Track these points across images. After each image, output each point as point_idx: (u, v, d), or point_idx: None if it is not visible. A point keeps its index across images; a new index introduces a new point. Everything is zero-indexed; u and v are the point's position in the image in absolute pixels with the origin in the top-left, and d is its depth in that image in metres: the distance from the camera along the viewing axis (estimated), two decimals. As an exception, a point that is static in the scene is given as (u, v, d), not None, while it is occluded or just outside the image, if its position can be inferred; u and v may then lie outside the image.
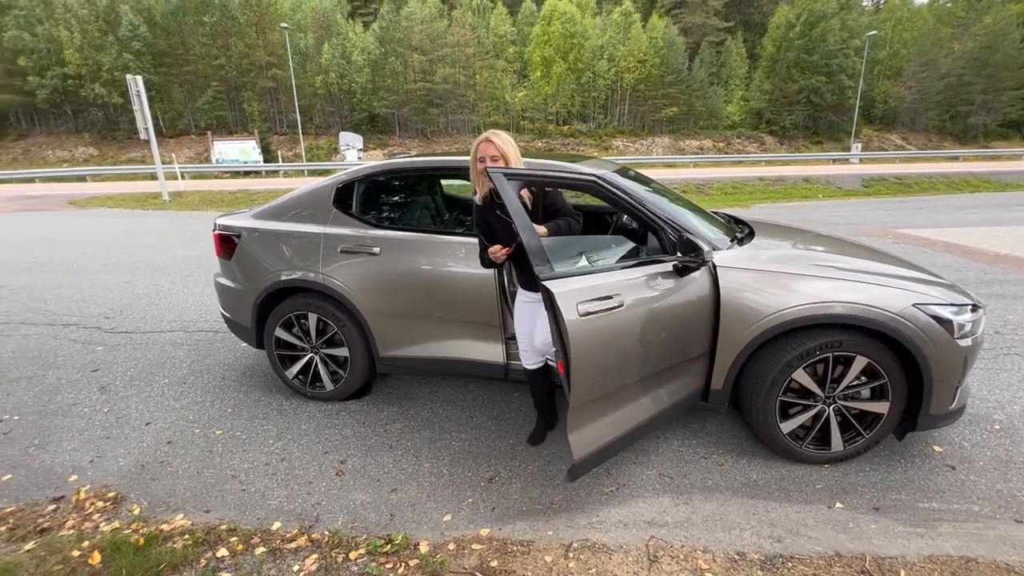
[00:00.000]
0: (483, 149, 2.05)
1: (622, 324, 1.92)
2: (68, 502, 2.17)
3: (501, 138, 2.05)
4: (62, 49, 37.05)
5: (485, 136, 2.06)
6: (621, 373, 1.99)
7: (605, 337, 1.88)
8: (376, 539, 1.92)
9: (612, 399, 2.01)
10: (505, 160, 2.03)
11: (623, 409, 2.06)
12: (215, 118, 41.15)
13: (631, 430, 2.09)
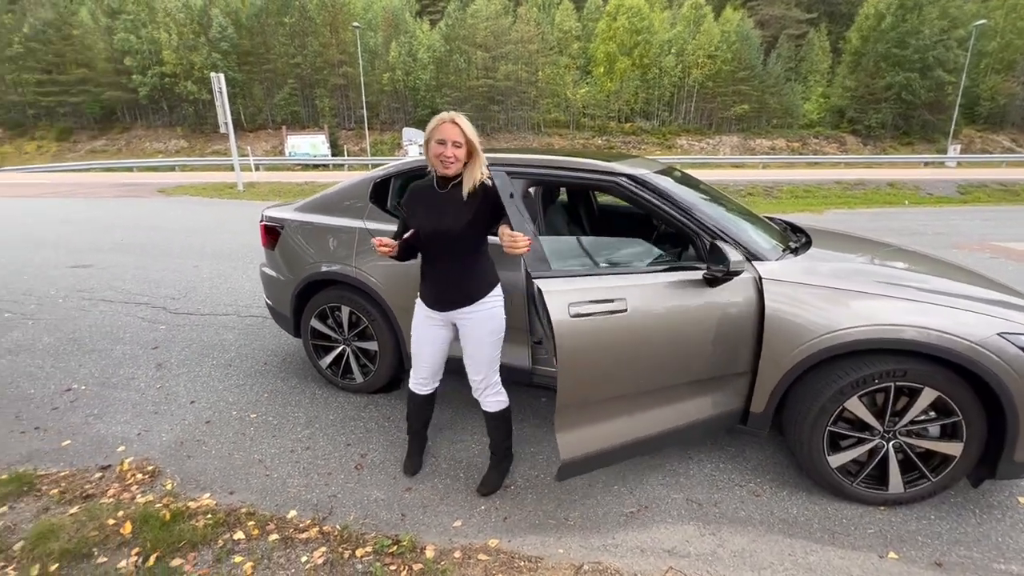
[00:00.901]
0: (445, 131, 1.78)
1: (625, 330, 1.87)
2: (113, 471, 2.32)
3: (466, 123, 1.81)
4: (161, 50, 40.63)
5: (449, 116, 1.79)
6: (623, 380, 1.93)
7: (602, 340, 1.85)
8: (384, 538, 1.90)
9: (613, 405, 1.96)
10: (469, 148, 1.82)
11: (629, 418, 1.98)
12: (290, 113, 43.62)
13: (638, 441, 2.01)
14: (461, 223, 1.87)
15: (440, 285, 1.98)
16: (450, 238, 1.89)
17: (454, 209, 1.88)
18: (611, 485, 2.20)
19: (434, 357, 2.11)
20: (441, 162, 1.81)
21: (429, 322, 2.05)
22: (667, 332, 1.94)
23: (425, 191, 1.96)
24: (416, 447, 2.35)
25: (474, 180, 1.85)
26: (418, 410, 2.28)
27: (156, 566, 1.77)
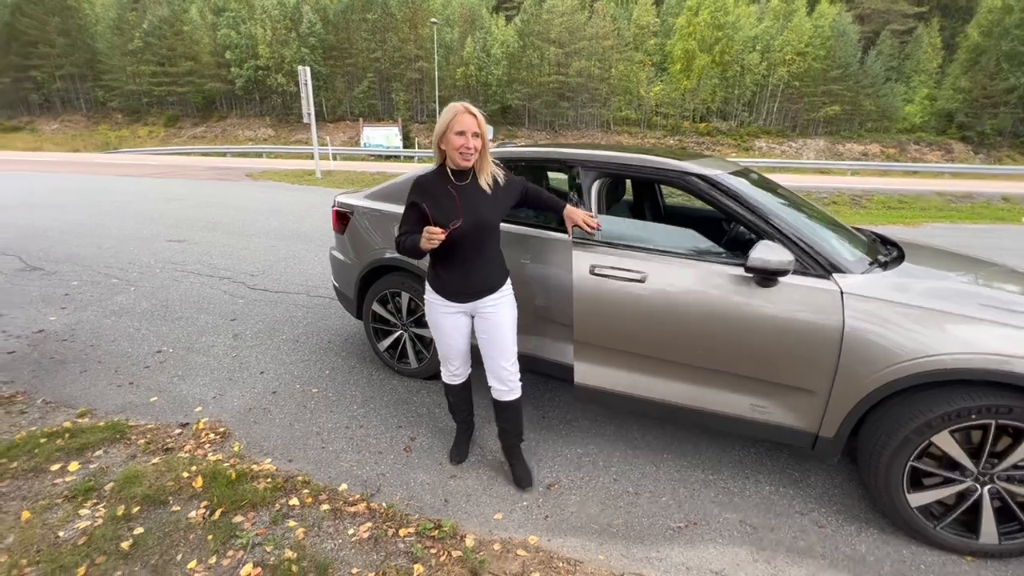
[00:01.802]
0: (465, 122, 1.79)
1: (639, 297, 2.12)
2: (190, 429, 2.53)
3: (481, 116, 1.83)
4: (257, 44, 43.71)
5: (464, 107, 1.79)
6: (636, 340, 2.17)
7: (613, 297, 2.16)
8: (427, 521, 1.94)
9: (631, 360, 2.22)
10: (483, 140, 1.84)
11: (644, 375, 2.22)
12: (367, 106, 45.55)
13: (651, 400, 2.22)
14: (497, 214, 1.93)
15: (468, 276, 1.97)
16: (487, 229, 1.93)
17: (485, 200, 1.90)
18: (659, 496, 2.12)
19: (463, 345, 2.14)
20: (461, 154, 1.81)
21: (449, 313, 2.05)
22: (695, 315, 2.04)
23: (443, 184, 1.90)
24: (464, 435, 2.38)
25: (489, 171, 1.90)
26: (459, 400, 2.30)
27: (220, 520, 1.91)
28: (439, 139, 1.84)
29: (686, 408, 2.17)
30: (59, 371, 3.12)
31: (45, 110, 51.19)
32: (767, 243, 1.88)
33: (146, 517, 1.93)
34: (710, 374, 2.10)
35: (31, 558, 1.74)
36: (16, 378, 3.02)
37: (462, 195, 1.88)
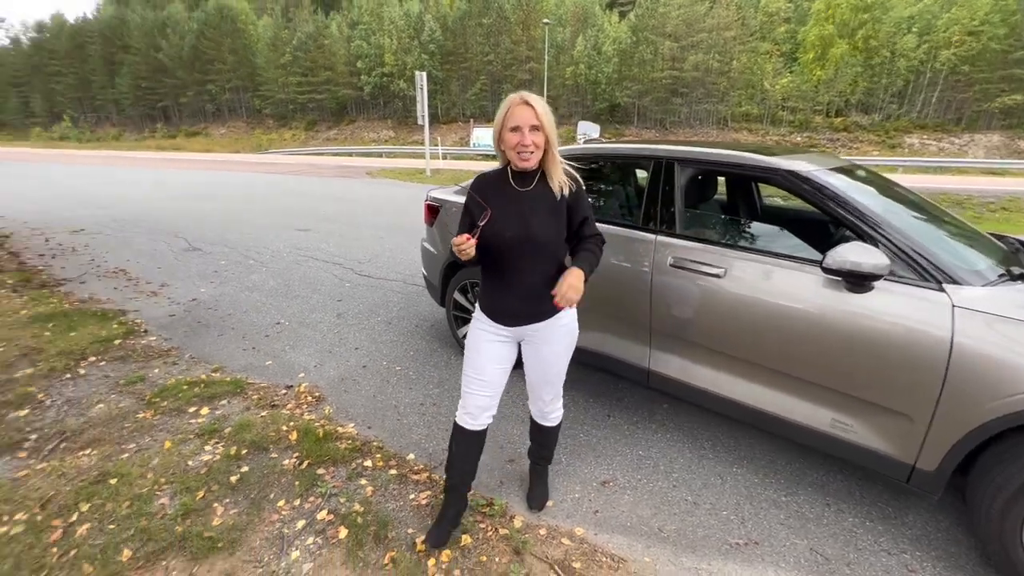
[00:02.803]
0: (519, 115, 1.49)
1: (716, 292, 2.09)
2: (293, 391, 2.91)
3: (540, 103, 1.50)
4: (384, 53, 47.60)
5: (519, 97, 1.50)
6: (711, 335, 2.15)
7: (691, 290, 2.16)
8: (480, 498, 2.05)
9: (704, 354, 2.19)
10: (545, 133, 1.52)
11: (716, 371, 2.17)
12: (479, 107, 47.38)
13: (719, 397, 2.17)
14: (552, 230, 1.60)
15: (518, 297, 1.65)
16: (537, 246, 1.59)
17: (543, 212, 1.58)
18: (720, 510, 2.02)
19: (496, 380, 1.74)
20: (518, 153, 1.52)
21: (494, 338, 1.72)
22: (773, 315, 1.95)
23: (500, 186, 1.63)
24: (450, 509, 1.82)
25: (563, 177, 1.59)
26: (463, 453, 1.79)
27: (307, 470, 2.19)
28: (497, 139, 1.58)
29: (757, 411, 2.07)
30: (203, 333, 3.75)
31: (216, 118, 60.56)
32: (858, 244, 1.71)
33: (251, 459, 2.28)
34: (787, 379, 1.97)
35: (167, 478, 2.14)
36: (173, 336, 3.69)
37: (520, 203, 1.59)
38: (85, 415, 2.64)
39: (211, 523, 1.91)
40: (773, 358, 1.99)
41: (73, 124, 63.08)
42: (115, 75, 61.38)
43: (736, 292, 2.05)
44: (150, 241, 6.76)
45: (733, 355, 2.11)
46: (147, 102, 61.40)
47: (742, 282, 2.04)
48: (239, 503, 2.01)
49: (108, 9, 69.42)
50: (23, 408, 2.71)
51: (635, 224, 2.43)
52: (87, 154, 36.66)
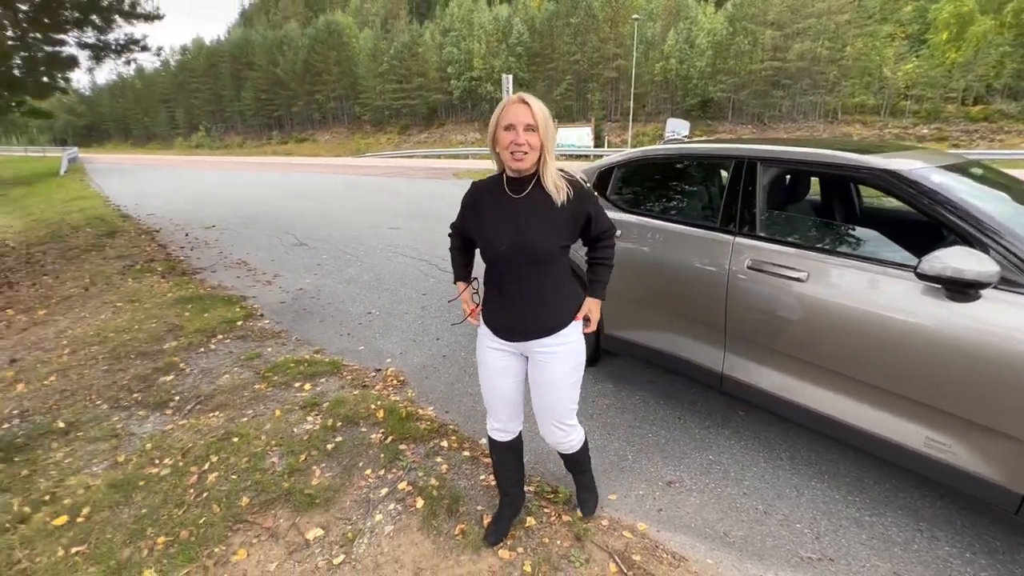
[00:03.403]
0: (514, 113, 1.40)
1: (793, 296, 2.02)
2: (381, 374, 3.20)
3: (537, 103, 1.42)
4: (473, 58, 49.18)
5: (517, 97, 1.42)
6: (790, 342, 2.06)
7: (769, 293, 2.09)
8: (546, 484, 2.15)
9: (784, 361, 2.10)
10: (540, 135, 1.42)
11: (798, 380, 2.08)
12: (563, 107, 47.36)
13: (800, 406, 2.08)
14: (549, 238, 1.48)
15: (515, 311, 1.57)
16: (534, 255, 1.49)
17: (539, 220, 1.48)
18: (793, 522, 1.94)
19: (511, 393, 1.71)
20: (511, 153, 1.42)
21: (499, 353, 1.66)
22: (860, 322, 1.84)
23: (494, 193, 1.56)
24: (507, 509, 1.87)
25: (559, 182, 1.48)
26: (505, 461, 1.83)
27: (391, 444, 2.43)
28: (491, 140, 1.49)
29: (840, 424, 1.97)
30: (307, 319, 4.22)
31: (321, 125, 66.16)
32: (962, 248, 1.58)
33: (344, 431, 2.56)
34: (876, 391, 1.86)
35: (277, 441, 2.48)
36: (283, 320, 4.19)
37: (515, 209, 1.50)
38: (215, 383, 3.11)
39: (311, 482, 2.19)
40: (857, 368, 1.88)
41: (207, 134, 72.10)
42: (241, 89, 69.29)
43: (819, 297, 1.95)
44: (266, 237, 7.64)
45: (814, 363, 2.02)
46: (265, 112, 68.61)
47: (826, 287, 1.95)
48: (333, 468, 2.29)
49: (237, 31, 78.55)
50: (169, 374, 3.25)
51: (713, 225, 2.39)
52: (217, 159, 41.76)
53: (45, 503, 2.15)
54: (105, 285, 5.38)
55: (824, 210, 3.19)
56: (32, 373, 3.47)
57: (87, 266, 6.28)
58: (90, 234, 8.33)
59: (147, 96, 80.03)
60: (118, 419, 2.78)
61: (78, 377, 3.32)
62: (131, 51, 8.58)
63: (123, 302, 4.74)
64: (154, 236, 7.96)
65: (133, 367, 3.38)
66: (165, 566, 1.79)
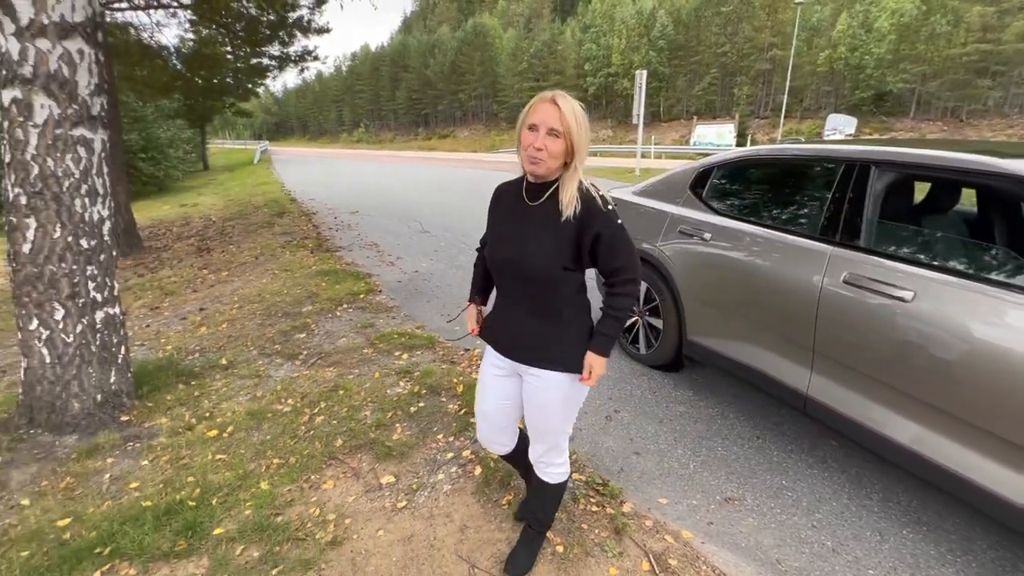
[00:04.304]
0: (540, 113, 1.27)
1: (894, 317, 1.80)
2: (469, 353, 3.47)
3: (570, 106, 1.26)
4: (612, 53, 48.36)
5: (549, 95, 1.28)
6: (889, 370, 1.85)
7: (866, 312, 1.89)
8: (597, 476, 2.20)
9: (880, 389, 1.88)
10: (569, 139, 1.27)
11: (885, 408, 1.87)
12: (705, 103, 44.47)
13: (894, 444, 1.84)
14: (544, 255, 1.32)
15: (509, 326, 1.47)
16: (527, 271, 1.35)
17: (540, 234, 1.34)
18: (866, 566, 1.75)
19: (498, 414, 1.60)
20: (528, 156, 1.29)
21: (494, 369, 1.56)
22: (974, 355, 1.61)
23: (513, 198, 1.45)
24: None
25: (573, 194, 1.29)
26: (516, 467, 1.88)
27: (463, 416, 2.67)
28: (517, 138, 1.34)
29: (934, 466, 1.73)
30: (417, 298, 4.69)
31: (462, 122, 70.49)
32: None
33: (427, 398, 2.86)
34: (981, 434, 1.61)
35: (372, 399, 2.86)
36: (397, 297, 4.71)
37: (524, 218, 1.38)
38: (334, 344, 3.65)
39: (392, 437, 2.51)
40: (971, 408, 1.62)
41: (366, 130, 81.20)
42: (396, 90, 76.67)
43: (926, 321, 1.72)
44: (397, 223, 8.52)
45: (916, 396, 1.78)
46: (415, 110, 75.14)
47: (936, 310, 1.70)
48: (412, 428, 2.59)
49: (398, 37, 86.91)
50: (302, 333, 3.88)
51: (810, 233, 2.20)
52: (372, 153, 46.93)
53: (205, 418, 2.77)
54: (269, 256, 6.52)
55: (952, 223, 2.69)
56: (212, 320, 4.39)
57: (259, 239, 7.65)
58: (266, 213, 10.07)
59: (322, 97, 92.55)
60: (261, 363, 3.43)
61: (240, 327, 4.13)
62: (305, 60, 10.14)
63: (279, 271, 5.72)
64: (310, 218, 9.35)
65: (278, 324, 4.10)
66: (275, 481, 2.22)
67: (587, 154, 1.33)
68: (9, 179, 2.42)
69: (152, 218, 11.53)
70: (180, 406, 2.90)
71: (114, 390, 2.78)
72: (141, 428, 2.70)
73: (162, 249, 8.08)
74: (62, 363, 2.59)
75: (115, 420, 2.72)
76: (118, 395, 2.80)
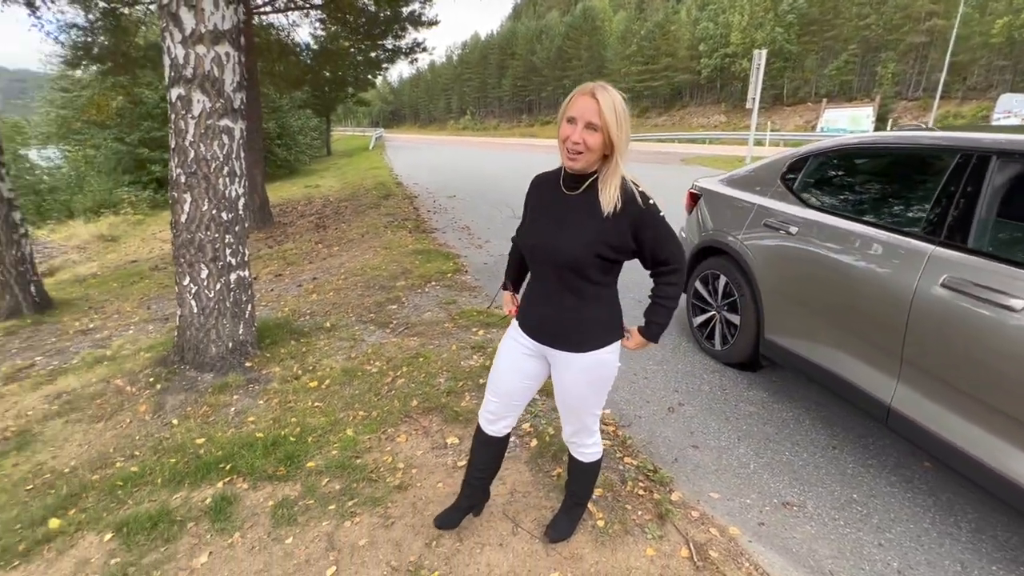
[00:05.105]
0: (579, 106, 1.27)
1: (999, 328, 1.62)
2: (541, 336, 3.60)
3: (611, 100, 1.24)
4: (731, 32, 44.77)
5: (589, 88, 1.27)
6: (979, 381, 1.69)
7: (966, 320, 1.71)
8: (650, 463, 2.23)
9: (965, 400, 1.73)
10: (607, 133, 1.26)
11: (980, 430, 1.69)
12: (838, 84, 39.66)
13: (979, 463, 1.68)
14: (579, 246, 1.33)
15: (538, 312, 1.50)
16: (558, 261, 1.38)
17: (577, 224, 1.35)
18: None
19: (512, 389, 1.61)
20: (567, 149, 1.30)
21: (517, 347, 1.58)
22: None
23: (551, 187, 1.46)
24: (463, 500, 1.83)
25: (614, 191, 1.30)
26: (480, 452, 1.75)
27: (527, 392, 2.81)
28: (558, 131, 1.35)
29: None
30: (498, 280, 4.80)
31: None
32: None
33: (496, 373, 3.05)
34: None
35: (447, 368, 3.11)
36: (481, 278, 4.97)
37: (561, 207, 1.41)
38: (420, 316, 3.98)
39: (460, 403, 2.73)
40: None
41: (472, 117, 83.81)
42: (502, 78, 77.97)
43: None
44: (489, 208, 8.85)
45: (1015, 417, 1.58)
46: (519, 97, 75.93)
47: None
48: (479, 398, 2.78)
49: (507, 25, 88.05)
50: (394, 305, 4.27)
51: (909, 230, 1.99)
52: (475, 140, 48.45)
53: (309, 371, 3.21)
54: (373, 234, 7.15)
55: None
56: (321, 288, 4.98)
57: (367, 219, 8.39)
58: (374, 196, 10.97)
59: (433, 85, 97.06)
60: (358, 329, 3.85)
61: (344, 296, 4.64)
62: (415, 52, 10.77)
63: (381, 248, 6.27)
64: (412, 201, 10.02)
65: (374, 295, 4.55)
66: (358, 431, 2.55)
67: (628, 148, 1.32)
68: (173, 161, 2.98)
69: (282, 197, 13.08)
70: (290, 359, 3.38)
71: (241, 340, 3.32)
72: (260, 374, 3.21)
73: (288, 225, 9.19)
74: (205, 314, 3.16)
75: (241, 365, 3.25)
76: (244, 345, 3.34)
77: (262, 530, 1.95)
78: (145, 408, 2.89)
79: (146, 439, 2.62)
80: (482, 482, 1.83)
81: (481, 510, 1.92)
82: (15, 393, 3.37)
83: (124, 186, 15.03)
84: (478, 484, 1.82)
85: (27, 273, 5.07)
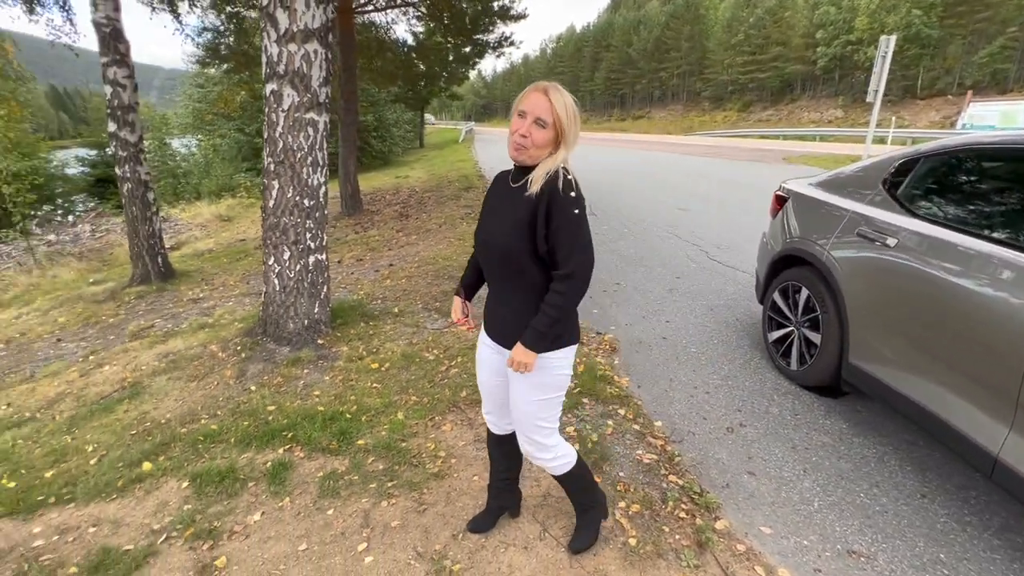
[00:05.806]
0: (530, 102, 1.30)
1: None
2: (600, 337, 3.50)
3: (561, 98, 1.29)
4: (856, 16, 40.19)
5: (542, 87, 1.31)
6: None
7: None
8: (696, 484, 2.08)
9: None
10: (558, 130, 1.30)
11: None
12: (989, 73, 34.28)
13: None
14: (507, 236, 1.35)
15: (491, 309, 1.52)
16: (496, 250, 1.40)
17: (511, 209, 1.37)
18: None
19: (491, 388, 1.63)
20: (513, 141, 1.33)
21: (484, 347, 1.62)
22: None
23: (500, 183, 1.49)
24: (493, 502, 1.86)
25: (540, 172, 1.30)
26: (493, 452, 1.80)
27: (575, 394, 2.74)
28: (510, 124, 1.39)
29: None
30: (565, 277, 4.82)
31: (659, 102, 67.12)
32: None
33: (548, 372, 3.00)
34: None
35: (500, 362, 3.12)
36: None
37: (502, 200, 1.43)
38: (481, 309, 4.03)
39: (508, 399, 2.73)
40: None
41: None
42: (595, 71, 76.50)
43: None
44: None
45: None
46: (611, 91, 74.11)
47: None
48: (527, 395, 2.76)
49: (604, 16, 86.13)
50: (459, 295, 4.37)
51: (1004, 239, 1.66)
52: (562, 134, 48.05)
53: (373, 353, 3.38)
54: (449, 225, 7.36)
55: None
56: (395, 275, 5.23)
57: (446, 210, 8.66)
58: (456, 187, 11.28)
59: (526, 80, 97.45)
60: (422, 316, 3.99)
61: (414, 283, 4.83)
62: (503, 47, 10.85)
63: (455, 239, 6.44)
64: (492, 194, 10.16)
65: (442, 285, 4.68)
66: (408, 415, 2.64)
67: (575, 145, 1.35)
68: (265, 151, 3.26)
69: (373, 187, 13.89)
70: (358, 340, 3.59)
71: (316, 319, 3.58)
72: (329, 351, 3.43)
73: (375, 213, 9.75)
74: (285, 292, 3.43)
75: (314, 341, 3.51)
76: (318, 323, 3.60)
77: (309, 499, 2.08)
78: (230, 373, 3.22)
79: (227, 401, 2.91)
80: (507, 483, 1.84)
81: (518, 511, 1.92)
82: (136, 349, 3.91)
83: (242, 172, 16.85)
84: (503, 485, 1.83)
85: (156, 246, 5.85)
